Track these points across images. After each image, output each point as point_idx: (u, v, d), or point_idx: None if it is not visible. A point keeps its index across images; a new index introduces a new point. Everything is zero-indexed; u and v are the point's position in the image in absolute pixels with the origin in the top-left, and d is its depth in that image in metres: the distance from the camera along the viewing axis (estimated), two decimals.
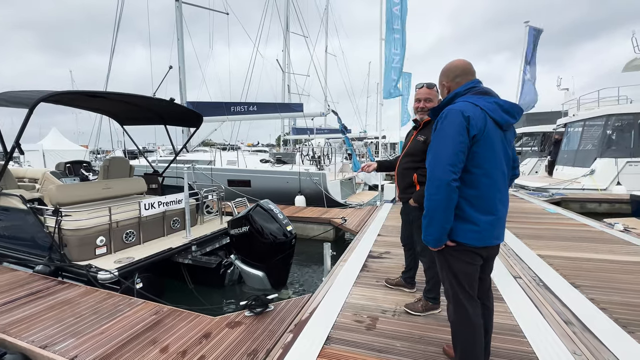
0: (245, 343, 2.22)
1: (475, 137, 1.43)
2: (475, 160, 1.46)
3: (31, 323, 2.49)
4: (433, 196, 1.48)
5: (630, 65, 11.00)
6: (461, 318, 1.58)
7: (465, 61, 1.63)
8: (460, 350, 1.61)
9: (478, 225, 1.49)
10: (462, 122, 1.43)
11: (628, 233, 4.83)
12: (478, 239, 1.51)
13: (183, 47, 10.20)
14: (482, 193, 1.49)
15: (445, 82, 1.66)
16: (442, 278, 1.66)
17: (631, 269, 3.35)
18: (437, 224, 1.49)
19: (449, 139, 1.44)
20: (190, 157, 10.65)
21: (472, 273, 1.58)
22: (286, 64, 17.37)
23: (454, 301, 1.59)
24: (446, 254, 1.58)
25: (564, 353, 2.00)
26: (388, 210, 6.78)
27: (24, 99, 3.53)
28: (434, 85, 2.40)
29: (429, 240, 1.56)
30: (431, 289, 2.50)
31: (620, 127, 9.83)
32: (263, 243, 3.96)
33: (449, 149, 1.44)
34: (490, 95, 1.54)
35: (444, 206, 1.45)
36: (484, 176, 1.48)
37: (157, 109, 5.45)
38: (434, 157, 1.49)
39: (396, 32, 6.57)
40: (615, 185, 9.29)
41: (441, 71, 1.69)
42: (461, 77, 1.61)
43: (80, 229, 3.53)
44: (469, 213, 1.50)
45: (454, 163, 1.43)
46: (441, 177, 1.44)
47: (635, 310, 2.53)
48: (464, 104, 1.48)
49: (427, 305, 2.51)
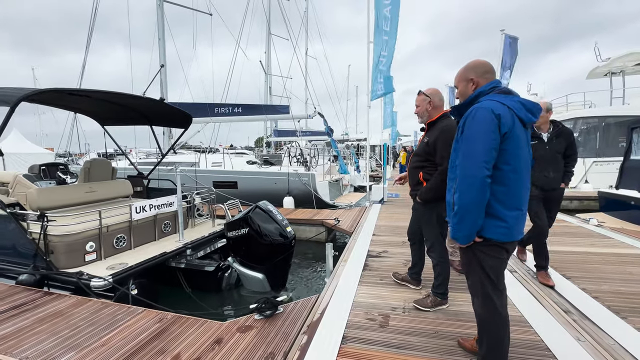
0: (260, 347, 2.17)
1: (505, 135, 1.46)
2: (504, 157, 1.48)
3: (21, 338, 2.30)
4: (466, 193, 1.48)
5: (593, 72, 11.89)
6: (490, 312, 1.60)
7: (487, 61, 1.68)
8: (487, 343, 1.65)
9: (506, 221, 1.52)
10: (493, 119, 1.45)
11: (602, 227, 5.19)
12: (506, 235, 1.54)
13: (164, 47, 9.86)
14: (510, 189, 1.52)
15: (473, 77, 1.66)
16: (469, 273, 1.68)
17: (613, 260, 3.61)
18: (470, 221, 1.50)
19: (481, 136, 1.46)
20: (172, 159, 10.29)
21: (501, 267, 1.61)
22: (269, 66, 17.22)
23: (482, 295, 1.61)
24: (475, 250, 1.60)
25: (569, 340, 2.12)
26: (378, 210, 6.88)
27: (4, 97, 3.27)
28: (420, 91, 2.62)
29: (458, 237, 1.57)
30: (440, 285, 2.56)
31: (587, 129, 10.57)
32: (263, 244, 3.88)
33: (482, 146, 1.45)
34: (513, 94, 1.58)
35: (477, 202, 1.47)
36: (512, 172, 1.50)
37: (144, 109, 5.23)
38: (467, 155, 1.50)
39: (385, 34, 6.69)
40: (583, 183, 9.97)
41: (466, 67, 1.70)
42: (490, 74, 1.64)
43: (68, 234, 3.31)
44: (497, 209, 1.52)
45: (488, 160, 1.45)
46: (475, 174, 1.45)
47: (623, 297, 2.72)
48: (492, 102, 1.50)
49: (436, 300, 2.57)
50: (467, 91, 1.69)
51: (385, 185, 8.45)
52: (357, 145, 23.46)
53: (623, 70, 11.67)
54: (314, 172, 8.54)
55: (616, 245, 4.23)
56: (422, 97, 2.59)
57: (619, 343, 2.07)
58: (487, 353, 1.65)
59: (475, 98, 1.62)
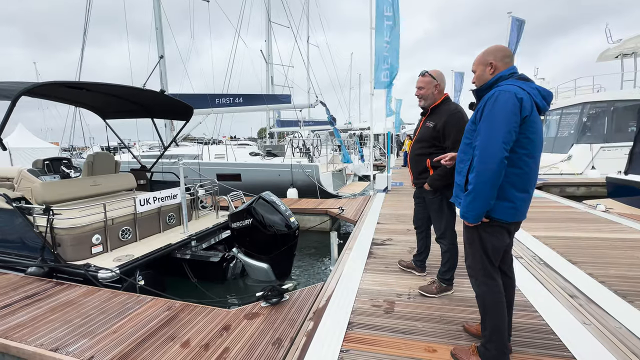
0: (267, 333, 2.20)
1: (525, 119, 1.50)
2: (522, 141, 1.53)
3: (35, 327, 2.36)
4: (484, 172, 1.51)
5: (604, 55, 11.58)
6: (492, 289, 1.67)
7: (506, 47, 1.70)
8: (489, 324, 1.68)
9: (515, 202, 1.58)
10: (515, 102, 1.48)
11: (609, 213, 5.14)
12: (513, 215, 1.60)
13: (162, 38, 9.75)
14: (524, 172, 1.56)
15: (493, 61, 1.67)
16: (470, 253, 1.73)
17: (619, 245, 3.58)
18: (483, 200, 1.54)
19: (503, 118, 1.49)
20: (175, 151, 10.30)
21: (501, 247, 1.67)
22: (270, 55, 17.00)
23: (483, 274, 1.68)
24: (480, 230, 1.65)
25: (575, 323, 2.12)
26: (382, 199, 6.87)
27: (5, 91, 3.27)
28: (425, 72, 2.49)
29: (469, 215, 1.61)
30: (447, 271, 2.56)
31: (595, 114, 10.37)
32: (267, 235, 3.92)
33: (504, 127, 1.48)
34: (530, 81, 1.62)
35: (493, 182, 1.51)
36: (527, 156, 1.55)
37: (145, 102, 5.21)
38: (488, 136, 1.52)
39: (387, 18, 6.54)
40: (590, 169, 9.84)
41: (486, 51, 1.72)
42: (508, 59, 1.66)
43: (74, 227, 3.35)
44: (507, 191, 1.57)
45: (507, 141, 1.49)
46: (496, 154, 1.48)
47: (630, 281, 2.71)
48: (514, 87, 1.53)
49: (441, 287, 2.58)
50: (484, 75, 1.70)
51: (389, 174, 8.40)
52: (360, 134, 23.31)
53: (635, 52, 11.33)
54: (317, 164, 8.50)
55: (624, 230, 4.19)
56: (429, 79, 2.47)
57: (625, 326, 2.07)
58: (491, 334, 1.68)
59: (495, 82, 1.64)
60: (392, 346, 1.97)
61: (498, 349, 1.66)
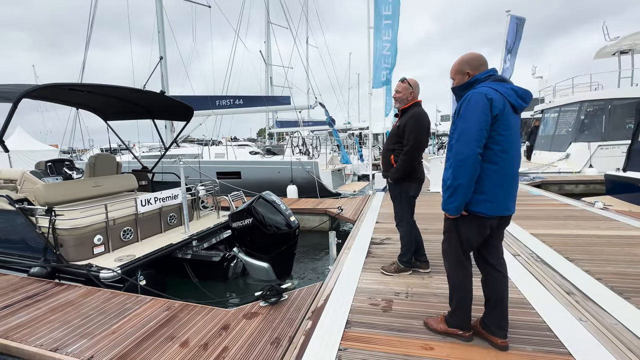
0: (266, 332, 2.22)
1: (496, 117, 1.61)
2: (495, 138, 1.64)
3: (34, 327, 2.38)
4: (460, 169, 1.64)
5: (601, 52, 11.58)
6: (463, 274, 1.87)
7: (480, 54, 1.83)
8: (456, 296, 1.92)
9: (491, 196, 1.69)
10: (486, 103, 1.60)
11: (607, 210, 5.16)
12: (491, 209, 1.70)
13: (164, 40, 9.78)
14: (500, 167, 1.66)
15: (469, 70, 1.80)
16: (447, 239, 1.90)
17: (617, 242, 3.60)
18: (462, 194, 1.66)
19: (475, 118, 1.61)
20: (175, 151, 10.33)
21: (475, 240, 1.81)
22: (269, 56, 17.03)
23: (455, 260, 1.87)
24: (459, 222, 1.79)
25: (571, 320, 2.14)
26: (381, 198, 6.89)
27: (6, 93, 3.30)
28: (404, 79, 2.84)
29: (449, 208, 1.73)
30: (404, 254, 2.94)
31: (593, 112, 10.38)
32: (267, 234, 3.94)
33: (475, 126, 1.61)
34: (506, 82, 1.74)
35: (469, 177, 1.63)
36: (502, 152, 1.65)
37: (145, 103, 5.24)
38: (461, 134, 1.65)
39: (387, 17, 6.56)
40: (587, 167, 9.85)
41: (461, 61, 1.84)
42: (484, 67, 1.81)
43: (76, 228, 3.37)
44: (485, 185, 1.68)
45: (479, 139, 1.61)
46: (468, 152, 1.61)
47: (627, 278, 2.72)
48: (486, 88, 1.65)
49: (399, 267, 2.96)
50: (463, 82, 1.84)
51: None
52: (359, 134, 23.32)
53: (633, 49, 11.33)
54: (317, 160, 8.54)
55: (622, 227, 4.20)
56: (406, 86, 2.80)
57: (621, 323, 2.09)
58: (456, 307, 1.92)
59: (471, 84, 1.77)
60: (389, 344, 1.99)
61: (461, 318, 1.93)
